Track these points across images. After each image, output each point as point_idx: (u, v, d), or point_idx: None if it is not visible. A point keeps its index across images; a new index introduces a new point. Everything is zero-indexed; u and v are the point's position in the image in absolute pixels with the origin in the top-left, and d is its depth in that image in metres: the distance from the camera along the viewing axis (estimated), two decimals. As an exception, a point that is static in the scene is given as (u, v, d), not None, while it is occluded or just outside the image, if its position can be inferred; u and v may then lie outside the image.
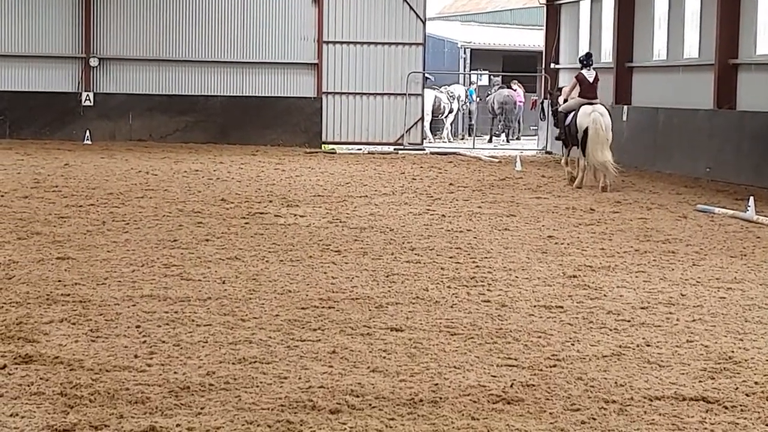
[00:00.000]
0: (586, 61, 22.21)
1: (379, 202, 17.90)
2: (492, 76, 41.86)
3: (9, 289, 9.98)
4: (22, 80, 31.21)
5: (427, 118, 38.19)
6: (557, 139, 24.49)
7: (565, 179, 22.32)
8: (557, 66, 33.35)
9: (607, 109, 21.71)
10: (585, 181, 21.48)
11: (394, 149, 31.70)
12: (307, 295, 10.03)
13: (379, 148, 31.95)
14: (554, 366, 7.70)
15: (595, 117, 20.92)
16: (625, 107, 28.00)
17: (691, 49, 25.71)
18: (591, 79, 21.83)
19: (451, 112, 38.99)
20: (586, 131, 20.86)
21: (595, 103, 21.55)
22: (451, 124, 39.56)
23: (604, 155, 20.71)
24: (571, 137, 21.71)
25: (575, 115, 21.39)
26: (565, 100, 22.46)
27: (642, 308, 9.81)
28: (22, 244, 12.67)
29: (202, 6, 31.69)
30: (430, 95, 38.36)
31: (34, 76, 31.26)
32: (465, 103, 40.02)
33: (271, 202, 17.59)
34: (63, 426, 6.18)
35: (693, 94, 25.32)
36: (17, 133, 30.75)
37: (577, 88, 22.02)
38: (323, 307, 9.52)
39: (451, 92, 39.03)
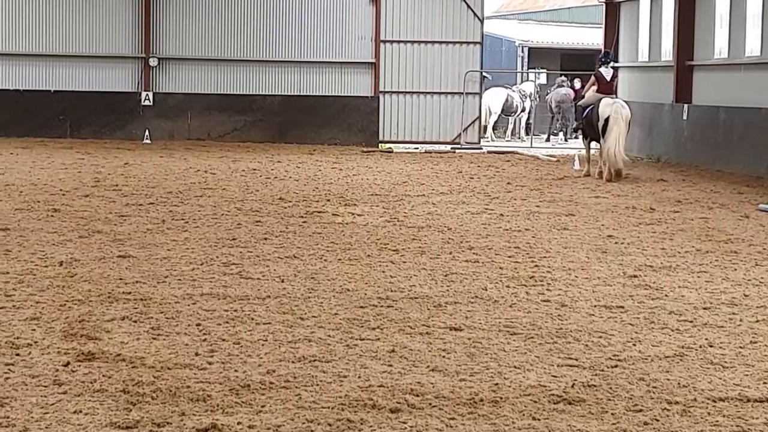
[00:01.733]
0: (605, 59, 23.67)
1: (437, 201, 17.88)
2: (555, 75, 41.58)
3: (71, 287, 10.08)
4: (82, 80, 31.49)
5: (494, 116, 38.08)
6: (575, 131, 25.76)
7: (589, 174, 23.03)
8: (617, 64, 33.10)
9: (629, 105, 23.03)
10: (606, 172, 22.24)
11: (451, 148, 31.63)
12: (365, 294, 10.04)
13: (436, 147, 31.90)
14: (616, 366, 7.65)
15: (616, 107, 22.06)
16: (686, 106, 27.77)
17: (752, 47, 25.43)
18: (608, 77, 23.11)
19: (523, 110, 38.87)
20: (607, 120, 21.89)
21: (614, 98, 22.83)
22: (527, 123, 39.40)
23: (620, 145, 21.74)
24: (591, 128, 22.67)
25: (595, 107, 22.44)
26: (583, 96, 23.88)
27: (704, 309, 9.72)
28: (84, 242, 12.79)
29: (261, 6, 31.79)
30: (501, 93, 38.24)
31: (95, 77, 31.53)
32: (536, 100, 39.81)
33: (328, 201, 17.62)
34: (126, 423, 6.23)
35: (755, 93, 25.03)
36: (78, 133, 31.05)
37: (595, 86, 23.21)
38: (382, 306, 9.52)
39: (523, 91, 38.89)
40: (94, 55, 31.42)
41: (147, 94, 31.42)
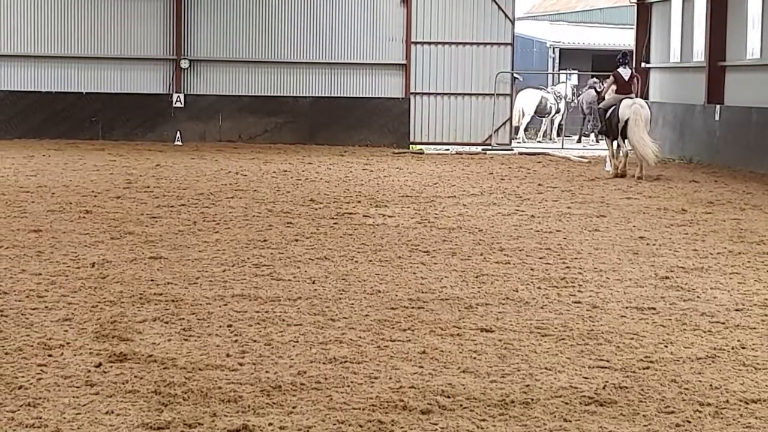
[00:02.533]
0: (623, 60, 23.97)
1: (468, 203, 17.86)
2: (586, 77, 41.42)
3: (103, 288, 10.13)
4: (114, 82, 31.62)
5: (527, 118, 37.97)
6: (600, 133, 26.32)
7: (617, 173, 23.30)
8: (648, 65, 33.01)
9: (648, 105, 23.98)
10: (625, 168, 23.07)
11: (482, 149, 31.60)
12: (396, 296, 10.05)
13: (466, 148, 31.88)
14: (647, 368, 7.63)
15: (635, 108, 22.60)
16: (718, 107, 27.64)
17: (785, 47, 25.31)
18: (627, 78, 23.54)
19: (558, 112, 38.77)
20: (627, 121, 22.47)
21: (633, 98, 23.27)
22: (559, 124, 39.30)
23: (646, 142, 22.30)
24: (613, 129, 23.17)
25: (616, 108, 22.94)
26: (603, 98, 24.35)
27: (737, 310, 9.68)
28: (116, 243, 12.85)
29: (291, 7, 31.85)
30: (535, 95, 38.09)
31: (126, 78, 31.68)
32: (572, 102, 39.66)
33: (359, 202, 17.64)
34: (157, 424, 6.25)
35: (788, 93, 24.91)
36: (109, 134, 31.19)
37: (614, 86, 23.74)
38: (413, 308, 9.52)
39: (558, 92, 38.80)
40: (126, 57, 31.57)
41: (178, 96, 31.54)
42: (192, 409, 6.54)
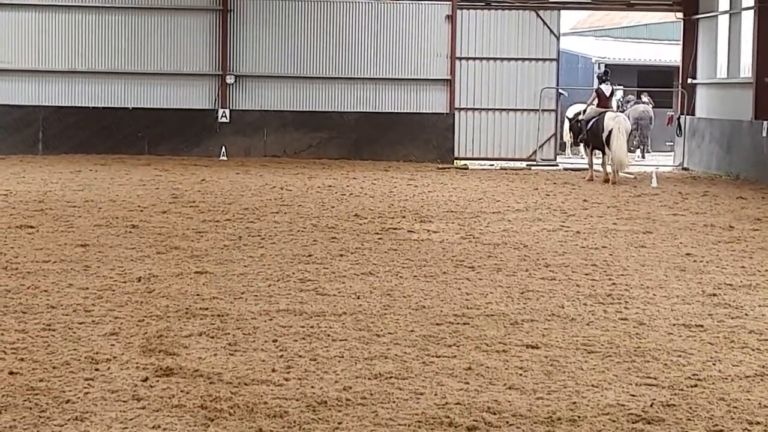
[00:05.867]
0: (605, 77, 26.84)
1: (513, 218, 17.82)
2: (630, 93, 41.25)
3: (149, 302, 10.18)
4: (160, 98, 31.81)
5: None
6: (579, 141, 28.16)
7: (591, 178, 26.22)
8: (694, 81, 32.81)
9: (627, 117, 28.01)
10: (605, 174, 25.70)
11: (527, 165, 31.54)
12: (441, 311, 10.03)
13: (511, 164, 31.83)
14: (695, 386, 7.57)
15: (618, 120, 25.48)
16: (765, 123, 27.42)
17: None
18: (608, 93, 26.44)
19: None
20: (610, 132, 25.06)
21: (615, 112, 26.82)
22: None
23: (623, 152, 25.40)
24: (596, 138, 25.74)
25: (599, 120, 25.57)
26: (584, 111, 26.99)
27: (785, 328, 9.59)
28: (162, 258, 12.91)
29: (336, 22, 31.94)
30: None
31: (172, 94, 31.85)
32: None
33: (404, 217, 17.64)
34: (203, 438, 6.27)
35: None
36: (155, 150, 31.36)
37: (596, 101, 26.40)
38: (458, 323, 9.50)
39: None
40: (172, 72, 31.75)
41: (224, 111, 31.69)
42: (238, 424, 6.55)
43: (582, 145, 28.12)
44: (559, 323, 9.62)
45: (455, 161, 31.82)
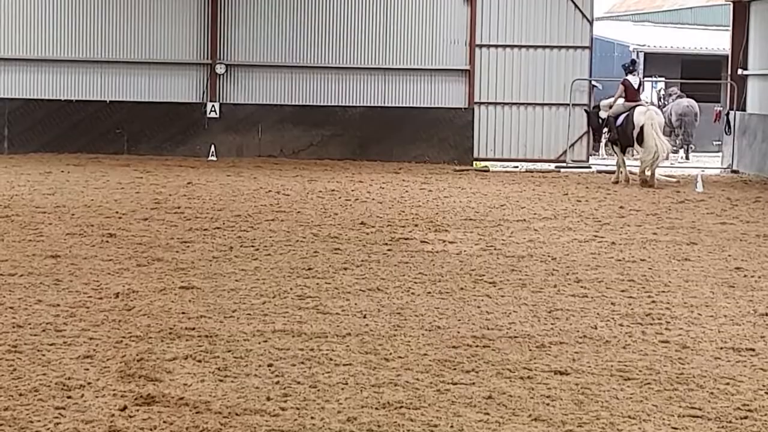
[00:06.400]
0: (632, 67, 27.19)
1: (539, 227, 17.84)
2: (673, 84, 41.27)
3: (129, 321, 10.21)
4: (141, 89, 31.81)
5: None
6: (609, 141, 28.47)
7: (618, 180, 26.63)
8: (745, 72, 32.81)
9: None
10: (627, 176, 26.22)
11: (556, 167, 31.55)
12: (458, 332, 10.05)
13: (538, 165, 31.84)
14: (745, 417, 7.59)
15: (650, 114, 25.66)
16: (825, 119, 27.45)
17: None
18: (636, 85, 26.79)
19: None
20: (642, 128, 25.31)
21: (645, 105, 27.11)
22: None
23: (663, 145, 25.45)
24: (626, 136, 25.86)
25: (629, 115, 25.77)
26: (610, 106, 27.13)
27: None
28: (142, 271, 12.95)
29: (340, 7, 31.99)
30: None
31: (155, 85, 31.87)
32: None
33: (416, 226, 17.67)
34: (189, 475, 6.30)
35: None
36: (135, 148, 31.40)
37: (624, 95, 26.61)
38: (477, 346, 9.52)
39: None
40: (154, 61, 31.80)
41: (213, 105, 31.74)
42: (228, 459, 6.58)
43: (610, 144, 28.38)
44: (592, 346, 9.64)
45: (474, 162, 31.85)
